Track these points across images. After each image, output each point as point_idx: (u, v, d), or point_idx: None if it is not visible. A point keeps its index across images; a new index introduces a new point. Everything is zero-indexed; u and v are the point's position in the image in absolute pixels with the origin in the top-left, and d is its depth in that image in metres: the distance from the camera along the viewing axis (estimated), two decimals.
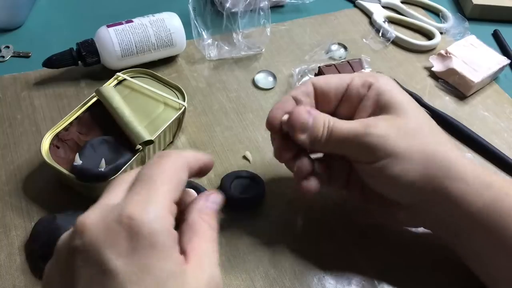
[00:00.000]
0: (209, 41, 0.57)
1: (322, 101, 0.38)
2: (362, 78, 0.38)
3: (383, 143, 0.34)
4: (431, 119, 0.38)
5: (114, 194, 0.27)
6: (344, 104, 0.38)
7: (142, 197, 0.26)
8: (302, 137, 0.36)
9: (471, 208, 0.34)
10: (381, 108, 0.36)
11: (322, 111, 0.37)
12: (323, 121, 0.36)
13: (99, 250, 0.24)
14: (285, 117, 0.37)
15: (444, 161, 0.35)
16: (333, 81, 0.38)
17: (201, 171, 0.31)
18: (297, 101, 0.38)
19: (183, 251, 0.27)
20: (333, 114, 0.38)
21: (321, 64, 0.55)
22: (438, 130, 0.37)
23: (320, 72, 0.54)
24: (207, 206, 0.30)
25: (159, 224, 0.25)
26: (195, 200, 0.30)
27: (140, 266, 0.24)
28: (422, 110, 0.37)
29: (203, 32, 0.57)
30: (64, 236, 0.27)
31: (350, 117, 0.38)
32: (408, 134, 0.35)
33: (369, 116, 0.36)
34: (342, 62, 0.55)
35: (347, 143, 0.35)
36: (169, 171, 0.27)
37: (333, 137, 0.35)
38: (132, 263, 0.24)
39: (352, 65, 0.54)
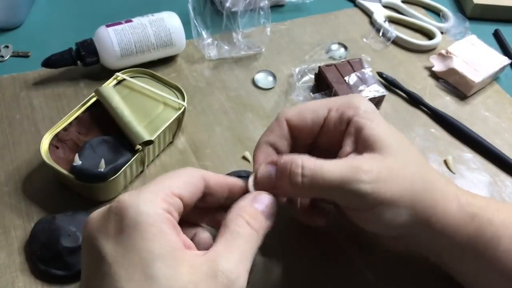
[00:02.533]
0: (209, 40, 0.57)
1: (298, 137, 0.35)
2: (339, 111, 0.34)
3: (375, 190, 0.30)
4: (412, 146, 0.35)
5: None
6: (323, 138, 0.35)
7: (139, 189, 0.27)
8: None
9: (456, 240, 0.33)
10: (363, 145, 0.32)
11: (299, 145, 0.35)
12: (297, 166, 0.31)
13: (93, 236, 0.25)
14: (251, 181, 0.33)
15: (431, 199, 0.33)
16: (308, 117, 0.35)
17: (221, 194, 0.31)
18: (277, 149, 0.35)
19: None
20: (312, 146, 0.36)
21: (321, 64, 0.54)
22: (422, 161, 0.34)
23: (320, 72, 0.54)
24: (252, 206, 0.29)
25: (147, 206, 0.25)
26: (240, 198, 0.30)
27: (126, 247, 0.24)
28: (405, 140, 0.34)
29: (203, 32, 0.57)
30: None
31: (330, 148, 0.35)
32: (398, 176, 0.31)
33: (353, 151, 0.33)
34: (342, 61, 0.55)
35: (333, 189, 0.31)
36: (175, 172, 0.29)
37: (316, 183, 0.30)
38: (119, 244, 0.24)
39: (352, 65, 0.54)
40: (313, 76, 0.55)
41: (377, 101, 0.52)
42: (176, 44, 0.55)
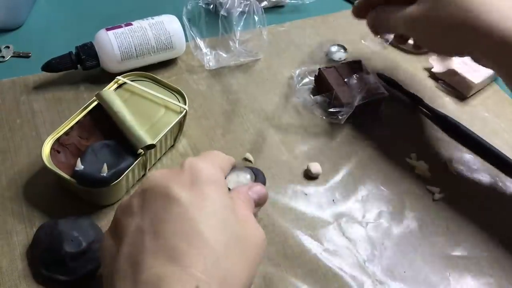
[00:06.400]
0: (207, 51, 0.56)
1: None
2: None
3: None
4: None
5: None
6: None
7: (202, 157, 0.33)
8: None
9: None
10: None
11: None
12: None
13: (166, 185, 0.29)
14: None
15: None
16: None
17: None
18: None
19: None
20: None
21: (321, 66, 0.55)
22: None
23: (320, 74, 0.54)
24: (247, 193, 0.34)
25: (213, 171, 0.31)
26: (238, 187, 0.35)
27: (200, 194, 0.29)
28: None
29: (201, 44, 0.56)
30: (124, 199, 0.31)
31: None
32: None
33: None
34: (342, 63, 0.55)
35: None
36: (219, 152, 0.35)
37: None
38: (193, 193, 0.29)
39: (352, 66, 0.54)
40: (313, 78, 0.56)
41: (377, 102, 0.53)
42: (176, 47, 0.55)
